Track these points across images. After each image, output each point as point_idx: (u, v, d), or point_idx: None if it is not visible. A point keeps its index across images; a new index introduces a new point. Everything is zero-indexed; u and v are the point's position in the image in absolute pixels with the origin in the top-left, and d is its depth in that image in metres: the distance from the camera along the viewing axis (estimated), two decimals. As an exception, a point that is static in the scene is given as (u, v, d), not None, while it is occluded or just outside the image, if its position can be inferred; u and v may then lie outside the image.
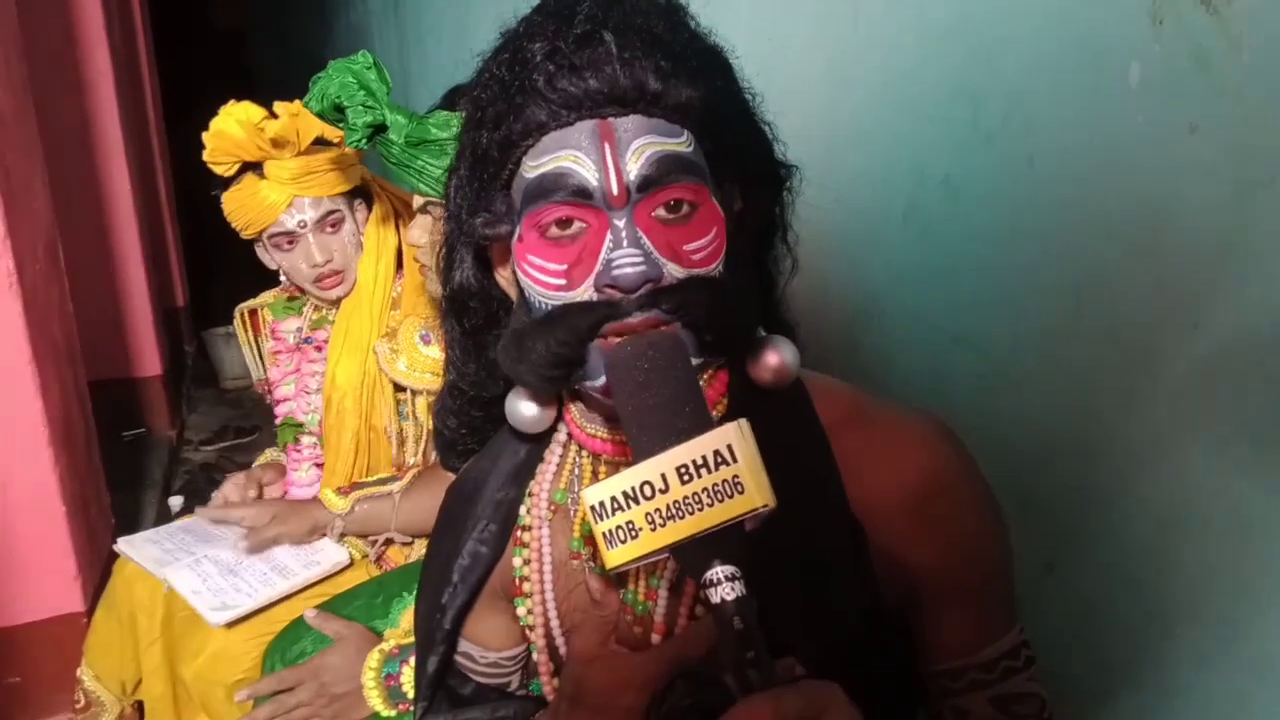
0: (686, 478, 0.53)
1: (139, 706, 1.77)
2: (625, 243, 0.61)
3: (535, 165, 0.63)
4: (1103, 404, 0.99)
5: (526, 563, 0.75)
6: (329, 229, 1.57)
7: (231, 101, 1.51)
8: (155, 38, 5.15)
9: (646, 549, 0.54)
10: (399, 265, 1.64)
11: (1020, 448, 1.12)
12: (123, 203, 3.58)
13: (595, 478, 0.73)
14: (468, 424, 0.83)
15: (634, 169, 0.61)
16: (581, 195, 0.62)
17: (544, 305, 0.65)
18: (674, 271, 0.63)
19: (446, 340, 0.80)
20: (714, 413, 0.71)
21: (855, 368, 1.41)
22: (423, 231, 1.27)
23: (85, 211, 1.37)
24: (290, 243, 1.58)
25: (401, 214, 1.61)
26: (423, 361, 1.56)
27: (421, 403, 1.61)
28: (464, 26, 2.69)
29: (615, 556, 0.55)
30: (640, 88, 0.61)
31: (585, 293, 0.63)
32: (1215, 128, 0.82)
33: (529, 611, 0.75)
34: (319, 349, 1.70)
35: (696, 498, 0.53)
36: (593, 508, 0.55)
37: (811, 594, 0.65)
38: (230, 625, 1.48)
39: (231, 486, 1.71)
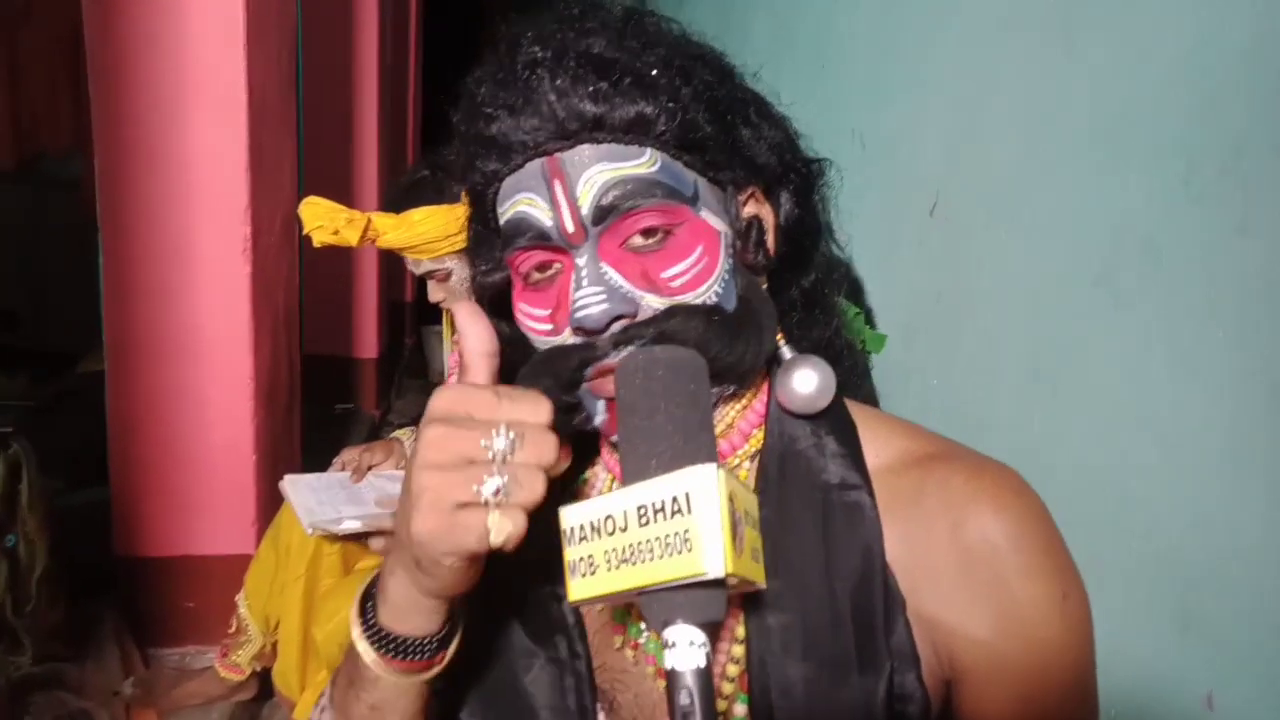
0: (644, 520, 0.46)
1: (275, 648, 1.89)
2: (586, 281, 0.57)
3: (502, 212, 0.61)
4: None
5: None
6: (437, 278, 1.76)
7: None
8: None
9: (600, 590, 0.47)
10: None
11: (1193, 549, 0.96)
12: (369, 195, 3.94)
13: None
14: None
15: (587, 202, 0.57)
16: (542, 238, 0.58)
17: (542, 349, 0.62)
18: (653, 303, 0.58)
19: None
20: (747, 445, 0.64)
21: (1020, 443, 1.27)
22: None
23: (333, 199, 1.51)
24: None
25: None
26: None
27: None
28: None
29: (575, 589, 0.48)
30: (578, 116, 0.56)
31: (569, 336, 0.59)
32: None
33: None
34: None
35: (649, 545, 0.45)
36: (564, 531, 0.49)
37: (824, 678, 0.57)
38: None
39: (349, 456, 1.92)
